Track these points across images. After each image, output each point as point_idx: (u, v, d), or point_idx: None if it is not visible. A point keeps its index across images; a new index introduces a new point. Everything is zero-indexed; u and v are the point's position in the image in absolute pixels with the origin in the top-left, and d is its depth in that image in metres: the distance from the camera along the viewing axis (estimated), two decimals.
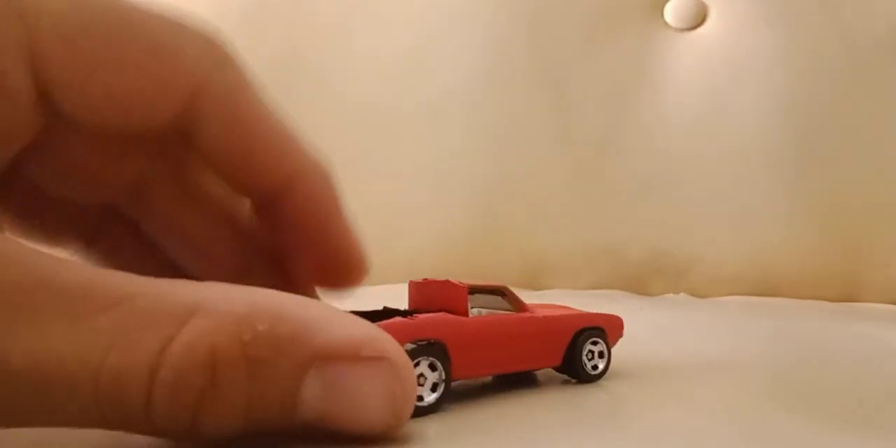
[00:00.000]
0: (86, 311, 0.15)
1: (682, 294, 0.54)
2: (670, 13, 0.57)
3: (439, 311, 0.21)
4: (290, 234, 0.21)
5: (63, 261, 0.16)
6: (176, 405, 0.14)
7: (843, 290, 0.53)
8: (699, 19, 0.57)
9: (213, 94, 0.19)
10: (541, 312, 0.24)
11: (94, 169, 0.21)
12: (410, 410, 0.17)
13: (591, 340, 0.25)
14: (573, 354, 0.24)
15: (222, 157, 0.20)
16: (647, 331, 0.33)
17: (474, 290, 0.22)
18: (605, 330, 0.25)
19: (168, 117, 0.19)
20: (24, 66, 0.18)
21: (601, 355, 0.25)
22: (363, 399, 0.16)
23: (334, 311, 0.17)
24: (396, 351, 0.17)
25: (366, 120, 0.59)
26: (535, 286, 0.56)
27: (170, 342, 0.15)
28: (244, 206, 0.22)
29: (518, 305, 0.23)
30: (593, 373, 0.25)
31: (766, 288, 0.53)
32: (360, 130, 0.59)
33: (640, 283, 0.55)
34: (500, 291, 0.23)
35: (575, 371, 0.24)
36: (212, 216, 0.23)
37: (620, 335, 0.27)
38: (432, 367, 0.20)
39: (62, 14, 0.18)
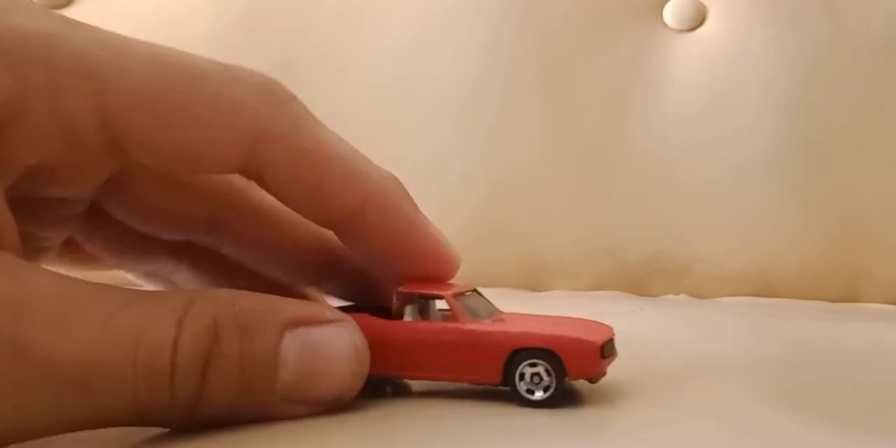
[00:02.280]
0: (112, 309, 0.18)
1: (682, 295, 0.54)
2: (670, 14, 0.57)
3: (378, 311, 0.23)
4: (370, 246, 0.23)
5: (61, 275, 0.19)
6: (192, 366, 0.18)
7: (844, 291, 0.53)
8: (698, 20, 0.57)
9: (273, 137, 0.21)
10: (481, 324, 0.22)
11: (168, 207, 0.24)
12: (368, 365, 0.21)
13: (527, 362, 0.22)
14: (509, 375, 0.22)
15: (292, 194, 0.22)
16: (648, 331, 0.33)
17: (414, 296, 0.23)
18: (555, 353, 0.22)
19: (234, 164, 0.21)
20: (92, 120, 0.19)
21: (539, 380, 0.22)
22: (333, 351, 0.20)
23: (299, 300, 0.21)
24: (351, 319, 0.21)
25: (364, 122, 0.59)
26: (535, 287, 0.56)
27: (184, 316, 0.19)
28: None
29: (456, 314, 0.23)
30: (530, 398, 0.22)
31: (767, 288, 0.53)
32: (358, 132, 0.58)
33: (640, 284, 0.55)
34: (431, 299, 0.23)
35: (513, 393, 0.22)
36: (288, 229, 0.25)
37: (591, 365, 0.22)
38: None
39: (130, 73, 0.20)
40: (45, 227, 0.23)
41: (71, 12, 0.59)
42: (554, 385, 0.22)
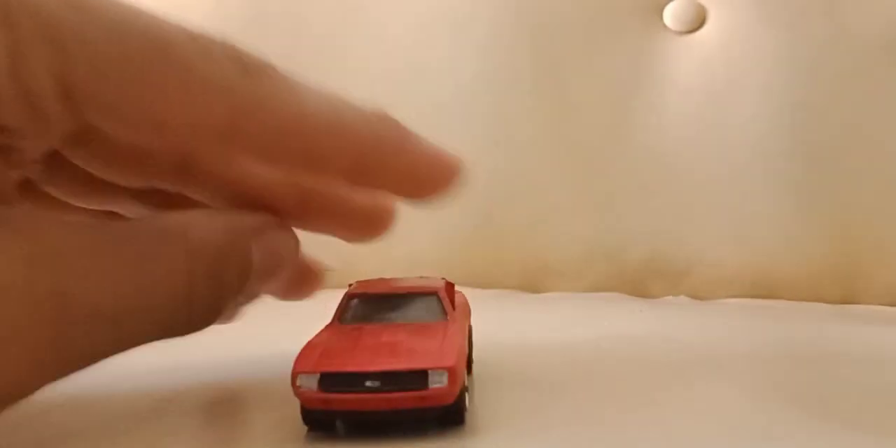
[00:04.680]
0: (134, 252, 0.19)
1: (681, 296, 0.54)
2: (670, 16, 0.57)
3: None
4: (377, 186, 0.24)
5: (80, 223, 0.19)
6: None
7: (843, 292, 0.53)
8: (698, 22, 0.57)
9: (251, 113, 0.20)
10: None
11: (132, 161, 0.23)
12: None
13: None
14: None
15: (281, 166, 0.22)
16: (648, 332, 0.33)
17: (353, 295, 0.23)
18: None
19: (207, 139, 0.20)
20: (52, 86, 0.18)
21: None
22: (280, 248, 0.22)
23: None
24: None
25: None
26: (535, 289, 0.56)
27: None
28: None
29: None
30: None
31: (766, 290, 0.53)
32: None
33: (640, 285, 0.55)
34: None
35: None
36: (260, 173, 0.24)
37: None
38: None
39: (94, 40, 0.18)
40: None
41: None
42: None
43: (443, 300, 0.23)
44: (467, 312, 0.26)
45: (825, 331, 0.38)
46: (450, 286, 0.24)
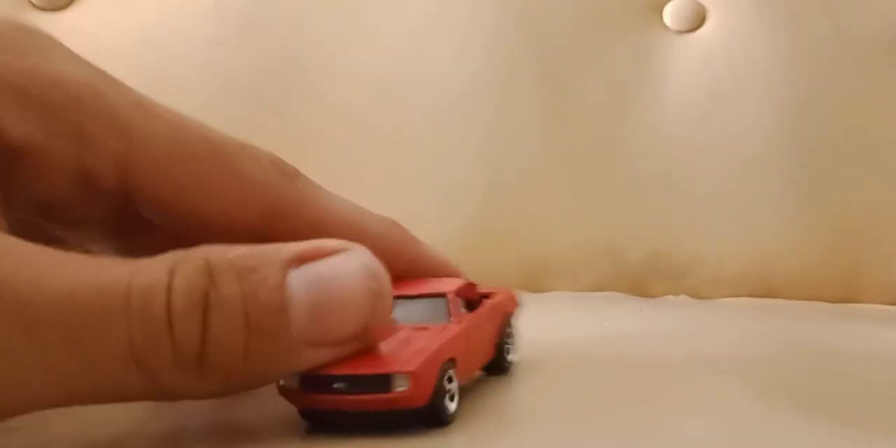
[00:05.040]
0: (97, 262, 0.18)
1: (682, 295, 0.54)
2: (669, 15, 0.57)
3: None
4: None
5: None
6: (190, 309, 0.17)
7: (844, 291, 0.53)
8: (698, 21, 0.57)
9: (284, 212, 0.22)
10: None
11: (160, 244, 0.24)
12: (388, 287, 0.19)
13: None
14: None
15: None
16: (648, 332, 0.33)
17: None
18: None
19: (242, 235, 0.21)
20: (114, 174, 0.20)
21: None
22: (344, 280, 0.18)
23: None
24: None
25: (365, 122, 0.59)
26: (535, 288, 0.56)
27: (175, 264, 0.17)
28: None
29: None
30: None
31: (766, 289, 0.53)
32: (358, 133, 0.59)
33: (640, 285, 0.55)
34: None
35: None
36: None
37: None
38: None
39: (157, 136, 0.20)
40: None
41: (71, 12, 0.58)
42: None
43: (450, 302, 0.23)
44: (502, 311, 0.27)
45: (825, 330, 0.38)
46: (467, 287, 0.25)
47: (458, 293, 0.24)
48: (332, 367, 0.19)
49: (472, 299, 0.25)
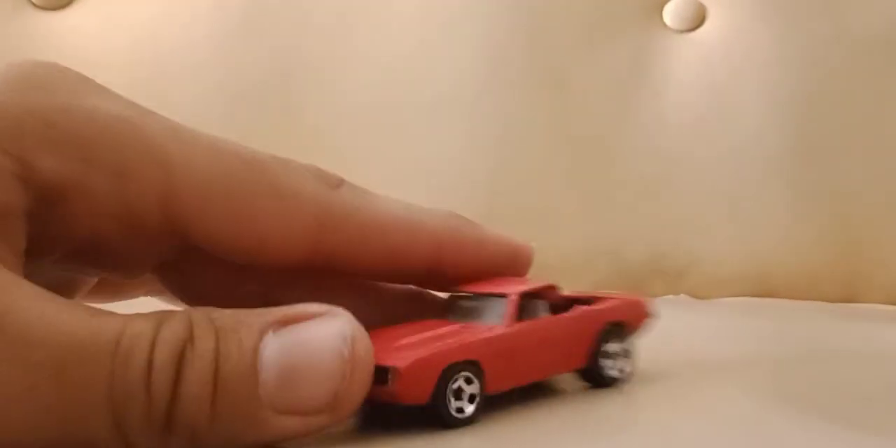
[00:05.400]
0: (106, 312, 0.18)
1: (682, 295, 0.54)
2: (669, 14, 0.57)
3: None
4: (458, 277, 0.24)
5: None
6: (167, 363, 0.17)
7: (844, 291, 0.53)
8: (698, 21, 0.57)
9: (336, 220, 0.22)
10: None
11: (224, 283, 0.24)
12: (368, 360, 0.18)
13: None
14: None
15: (367, 267, 0.23)
16: (648, 332, 0.33)
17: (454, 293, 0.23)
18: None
19: (300, 253, 0.21)
20: (156, 207, 0.20)
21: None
22: (315, 346, 0.18)
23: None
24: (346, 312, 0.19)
25: (365, 121, 0.59)
26: None
27: (165, 318, 0.17)
28: None
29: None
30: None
31: (766, 289, 0.53)
32: (358, 132, 0.59)
33: (640, 285, 0.55)
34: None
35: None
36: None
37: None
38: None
39: (197, 164, 0.20)
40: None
41: (71, 12, 0.58)
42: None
43: (509, 304, 0.22)
44: (603, 319, 0.25)
45: (825, 330, 0.38)
46: (544, 289, 0.24)
47: (532, 295, 0.23)
48: None
49: (557, 303, 0.24)
